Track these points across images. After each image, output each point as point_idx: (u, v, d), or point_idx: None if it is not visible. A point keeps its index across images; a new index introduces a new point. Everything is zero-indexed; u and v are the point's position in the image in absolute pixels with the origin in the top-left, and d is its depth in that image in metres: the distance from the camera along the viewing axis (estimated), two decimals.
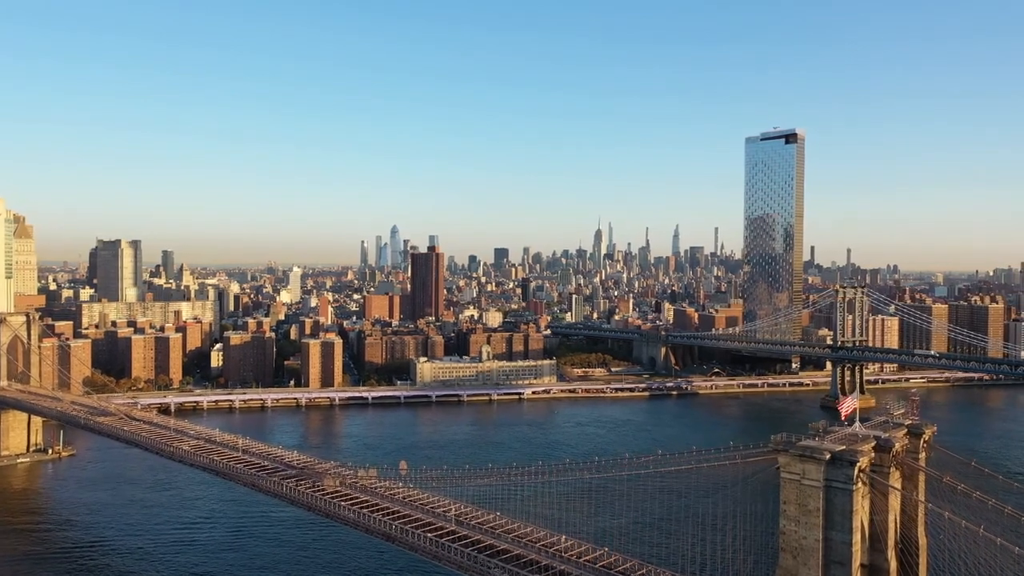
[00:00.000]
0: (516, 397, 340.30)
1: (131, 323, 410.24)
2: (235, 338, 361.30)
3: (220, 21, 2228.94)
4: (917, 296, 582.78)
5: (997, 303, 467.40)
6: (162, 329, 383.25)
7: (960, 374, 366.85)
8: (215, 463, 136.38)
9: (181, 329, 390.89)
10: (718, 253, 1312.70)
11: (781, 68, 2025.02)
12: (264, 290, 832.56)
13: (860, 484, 69.47)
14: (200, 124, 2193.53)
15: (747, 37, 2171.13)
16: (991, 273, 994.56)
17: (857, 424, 76.92)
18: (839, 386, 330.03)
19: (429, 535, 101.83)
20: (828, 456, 69.31)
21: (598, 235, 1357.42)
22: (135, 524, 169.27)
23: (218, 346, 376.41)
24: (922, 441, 77.23)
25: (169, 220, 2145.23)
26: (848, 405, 79.87)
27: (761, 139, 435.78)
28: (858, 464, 68.60)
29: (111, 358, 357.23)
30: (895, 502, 73.61)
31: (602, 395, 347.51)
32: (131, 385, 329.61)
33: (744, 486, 77.04)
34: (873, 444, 72.48)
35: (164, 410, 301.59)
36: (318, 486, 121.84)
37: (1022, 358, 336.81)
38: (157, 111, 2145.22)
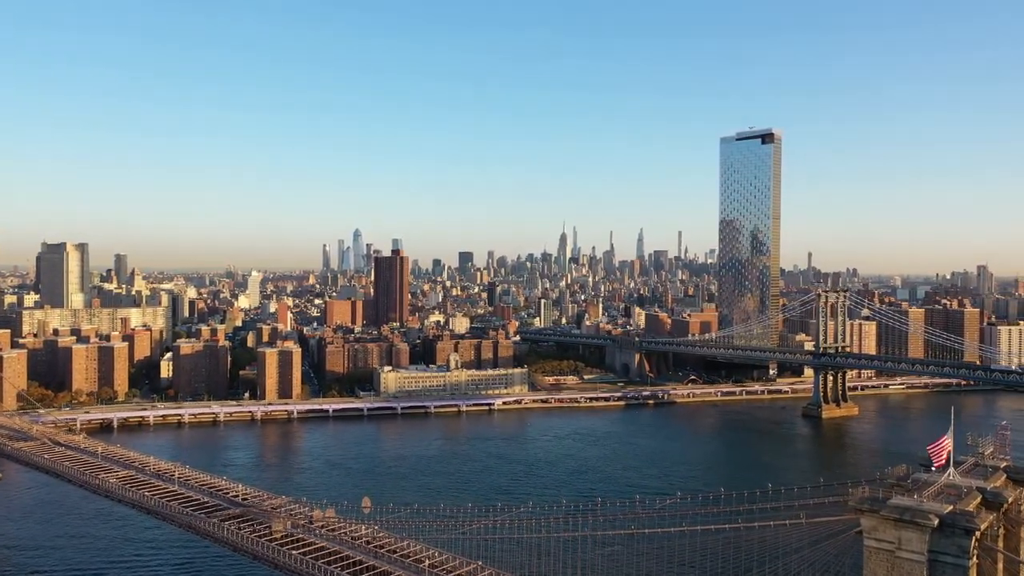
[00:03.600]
0: (486, 408, 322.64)
1: (75, 331, 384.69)
2: (186, 347, 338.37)
3: (171, 16, 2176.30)
4: (886, 300, 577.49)
5: (965, 306, 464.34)
6: (108, 338, 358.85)
7: (939, 380, 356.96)
8: (146, 500, 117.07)
9: (128, 337, 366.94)
10: (682, 257, 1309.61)
11: (734, 68, 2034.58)
12: (222, 295, 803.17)
13: (975, 556, 53.55)
14: (165, 125, 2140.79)
15: (702, 35, 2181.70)
16: (948, 276, 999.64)
17: (951, 471, 61.06)
18: (821, 393, 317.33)
19: None
20: (936, 521, 53.17)
21: (563, 239, 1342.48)
22: (72, 557, 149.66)
23: (168, 355, 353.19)
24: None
25: (126, 223, 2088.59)
26: (943, 446, 63.59)
27: (737, 139, 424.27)
28: (976, 532, 52.71)
29: (51, 369, 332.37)
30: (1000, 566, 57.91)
31: (576, 405, 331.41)
32: (71, 399, 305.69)
33: (810, 555, 60.24)
34: (979, 499, 56.71)
35: (107, 426, 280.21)
36: (266, 528, 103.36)
37: (1012, 366, 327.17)
38: (130, 113, 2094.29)
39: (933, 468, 62.30)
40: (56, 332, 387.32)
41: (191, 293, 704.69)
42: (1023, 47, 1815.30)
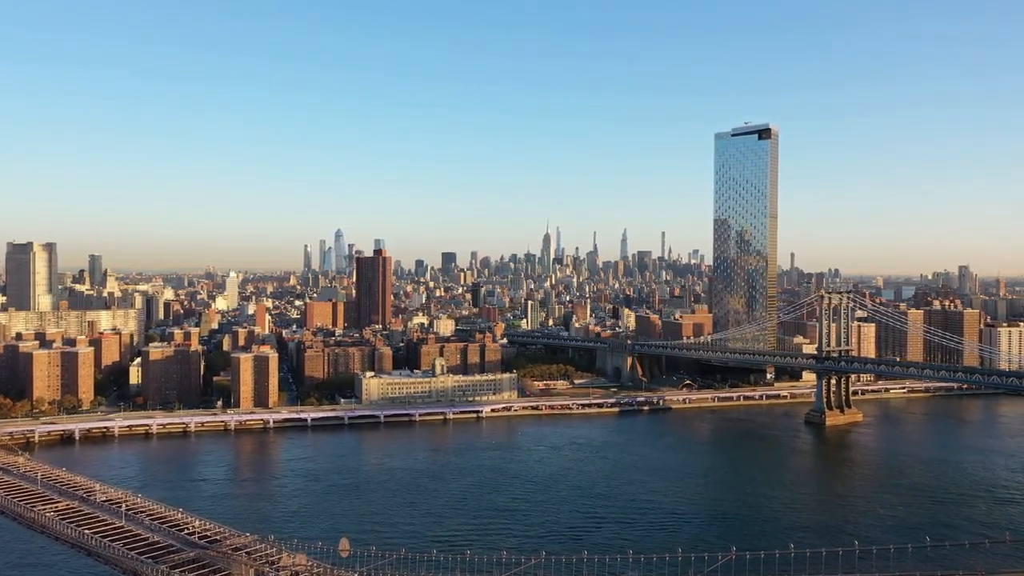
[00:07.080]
0: (474, 416, 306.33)
1: (39, 335, 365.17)
2: (155, 352, 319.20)
3: (147, 15, 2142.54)
4: (876, 301, 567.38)
5: (958, 307, 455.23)
6: (73, 342, 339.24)
7: (941, 384, 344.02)
8: (85, 538, 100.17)
9: (95, 342, 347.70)
10: (666, 257, 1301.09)
11: (705, 67, 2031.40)
12: (199, 297, 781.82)
13: None
14: (146, 125, 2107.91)
15: (677, 35, 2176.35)
16: (930, 276, 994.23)
17: None
18: (824, 399, 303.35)
19: None
20: None
21: (546, 239, 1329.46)
22: None
23: (137, 361, 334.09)
24: None
25: (105, 224, 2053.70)
26: None
27: (732, 135, 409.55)
28: None
29: (11, 376, 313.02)
30: None
31: (569, 412, 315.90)
32: (31, 408, 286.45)
33: None
34: None
35: (68, 438, 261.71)
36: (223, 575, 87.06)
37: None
38: (115, 114, 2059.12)
39: None
40: (19, 336, 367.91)
41: (168, 295, 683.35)
42: (986, 50, 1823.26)
